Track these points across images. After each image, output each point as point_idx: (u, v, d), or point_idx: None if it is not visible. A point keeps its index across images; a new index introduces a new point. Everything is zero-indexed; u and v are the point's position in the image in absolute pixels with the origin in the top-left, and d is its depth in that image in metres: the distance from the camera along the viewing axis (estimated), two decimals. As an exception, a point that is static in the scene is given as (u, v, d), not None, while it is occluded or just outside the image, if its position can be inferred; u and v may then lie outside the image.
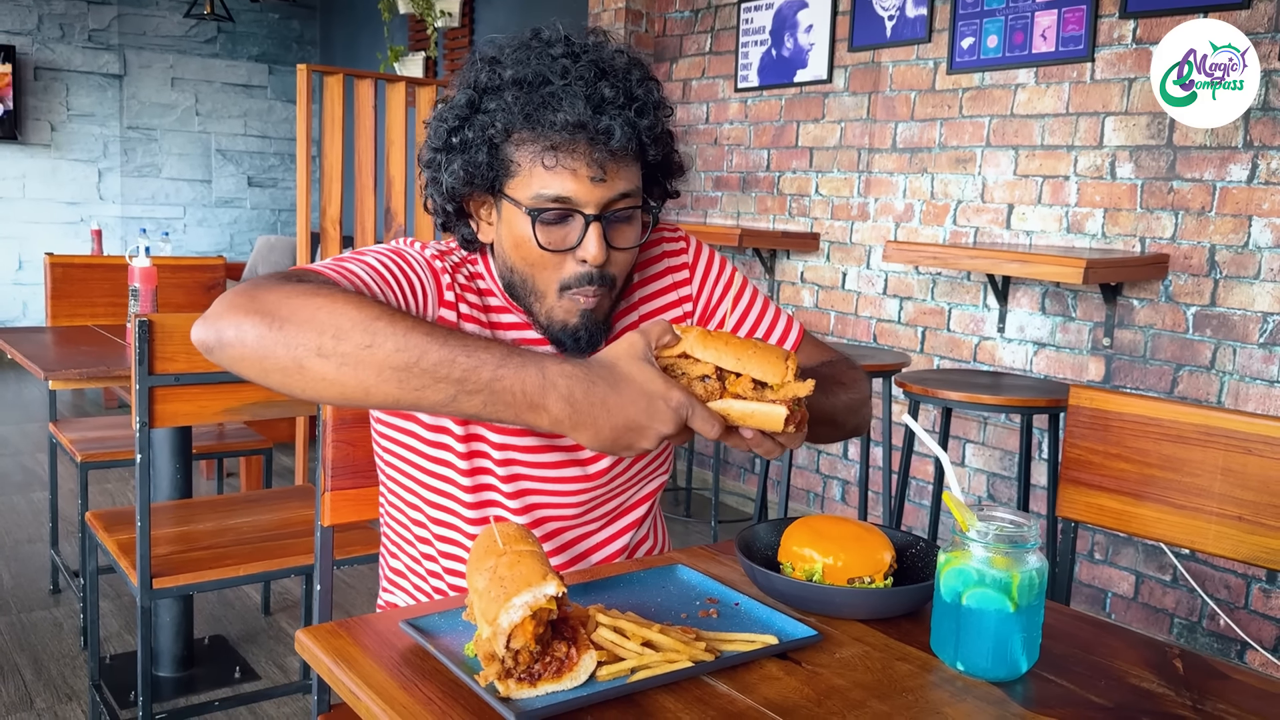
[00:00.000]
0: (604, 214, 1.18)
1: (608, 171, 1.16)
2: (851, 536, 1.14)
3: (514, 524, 1.00)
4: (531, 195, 1.17)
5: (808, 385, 1.04)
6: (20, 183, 7.13)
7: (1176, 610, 3.08)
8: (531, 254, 1.20)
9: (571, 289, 1.20)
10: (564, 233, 1.19)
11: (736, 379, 1.05)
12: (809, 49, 4.14)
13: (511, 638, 0.88)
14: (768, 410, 1.03)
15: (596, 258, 1.17)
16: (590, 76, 1.15)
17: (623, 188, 1.18)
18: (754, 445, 1.07)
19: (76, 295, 3.24)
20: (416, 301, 1.20)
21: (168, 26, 7.57)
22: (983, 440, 3.58)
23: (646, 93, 1.19)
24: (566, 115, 1.13)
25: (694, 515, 4.33)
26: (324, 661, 0.98)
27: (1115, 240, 3.19)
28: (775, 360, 1.04)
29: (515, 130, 1.16)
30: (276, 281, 1.02)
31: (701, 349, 1.05)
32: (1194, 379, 3.02)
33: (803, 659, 1.00)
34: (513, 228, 1.21)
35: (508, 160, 1.18)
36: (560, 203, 1.16)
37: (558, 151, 1.15)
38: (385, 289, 1.15)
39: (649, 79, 1.21)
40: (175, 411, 2.04)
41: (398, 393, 0.98)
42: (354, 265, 1.15)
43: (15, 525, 3.89)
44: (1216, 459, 1.56)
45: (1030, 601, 0.97)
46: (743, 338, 1.08)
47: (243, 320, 0.99)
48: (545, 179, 1.16)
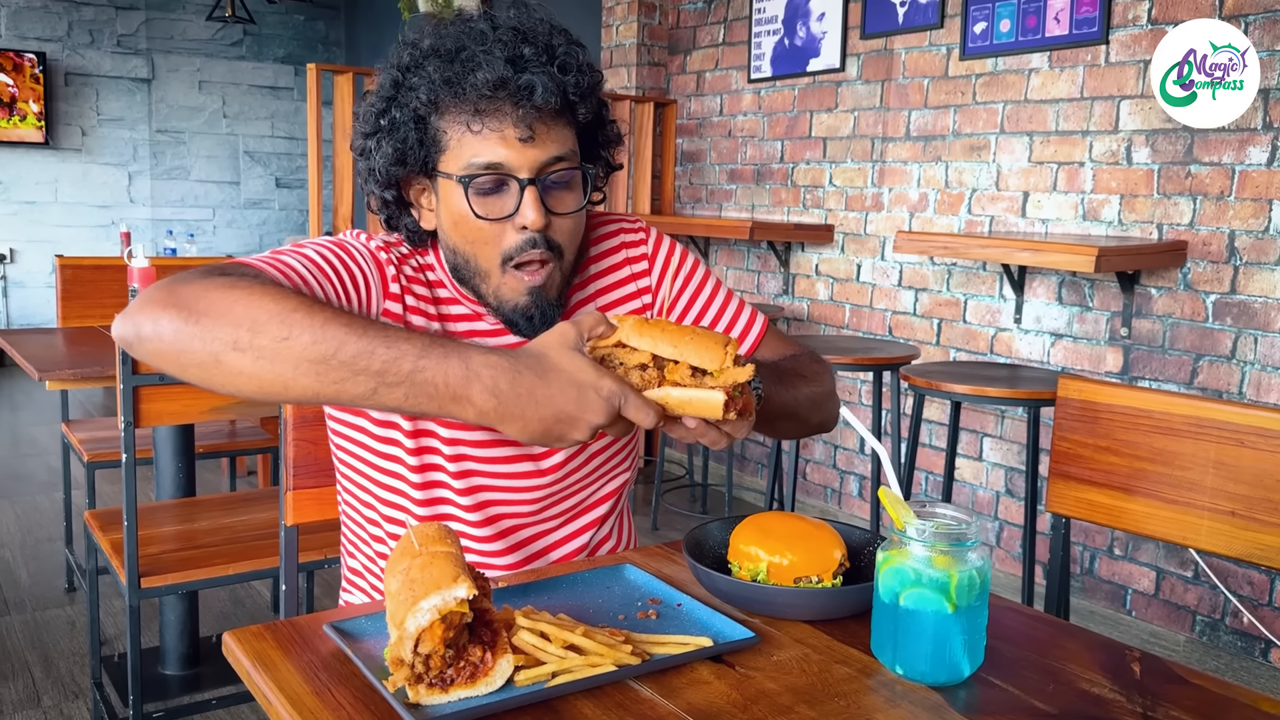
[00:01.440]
0: (539, 178, 1.15)
1: (536, 131, 1.14)
2: (799, 534, 1.10)
3: (435, 525, 0.97)
4: (463, 165, 1.15)
5: (747, 370, 1.00)
6: (52, 187, 7.24)
7: (1199, 607, 2.99)
8: (470, 229, 1.17)
9: (514, 259, 1.17)
10: (500, 202, 1.16)
11: (675, 367, 1.01)
12: (821, 37, 4.08)
13: (420, 642, 0.85)
14: (705, 396, 0.99)
15: (535, 222, 1.15)
16: (510, 39, 1.14)
17: (555, 150, 1.16)
18: (699, 435, 1.04)
19: (86, 297, 3.27)
20: (359, 295, 1.17)
21: (194, 30, 7.64)
22: (1000, 434, 3.50)
23: (569, 54, 1.17)
24: (486, 74, 1.11)
25: (709, 511, 4.29)
26: (244, 664, 0.96)
27: (1132, 227, 3.11)
28: (714, 346, 1.01)
29: (439, 100, 1.14)
30: (198, 275, 1.00)
31: (637, 337, 1.02)
32: (1214, 369, 2.93)
33: (737, 662, 0.96)
34: (450, 205, 1.18)
35: (436, 133, 1.16)
36: (492, 169, 1.14)
37: (482, 115, 1.13)
38: (323, 282, 1.13)
39: (573, 43, 1.19)
40: (161, 411, 2.04)
41: (316, 386, 0.95)
42: (290, 258, 1.13)
43: (36, 524, 3.94)
44: (1208, 452, 1.50)
45: (971, 602, 0.93)
46: (682, 325, 1.04)
47: (159, 314, 0.97)
48: (474, 145, 1.14)
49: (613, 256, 1.36)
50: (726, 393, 0.99)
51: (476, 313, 1.26)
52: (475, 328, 1.26)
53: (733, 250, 4.61)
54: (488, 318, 1.26)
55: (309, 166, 4.04)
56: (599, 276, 1.34)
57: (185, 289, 0.98)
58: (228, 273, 1.02)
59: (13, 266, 7.17)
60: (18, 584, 3.34)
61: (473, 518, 1.28)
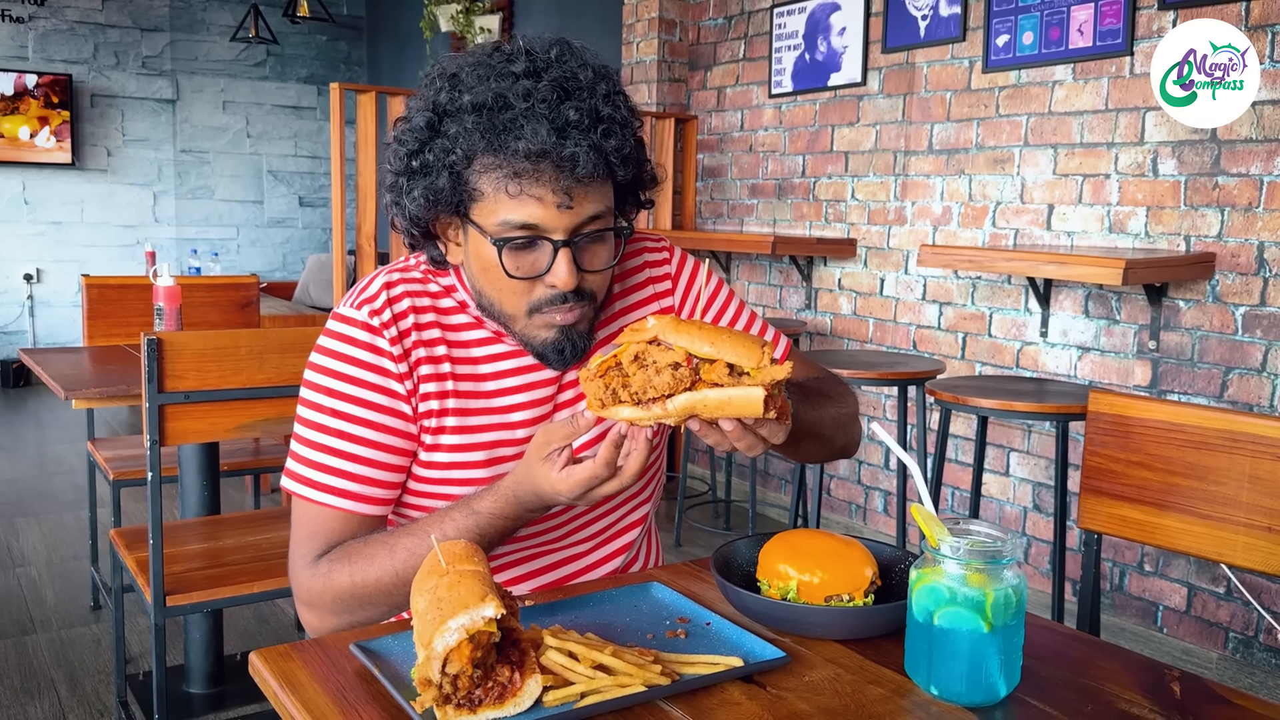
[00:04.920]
0: (573, 238, 1.13)
1: (574, 197, 1.11)
2: (830, 552, 1.08)
3: (462, 543, 0.97)
4: (497, 223, 1.12)
5: (785, 368, 0.98)
6: (79, 207, 7.31)
7: (1231, 624, 2.94)
8: (499, 281, 1.16)
9: (542, 310, 1.17)
10: (532, 258, 1.14)
11: (711, 367, 0.99)
12: (842, 52, 4.07)
13: (448, 662, 0.85)
14: (745, 394, 0.97)
15: (567, 283, 1.13)
16: (553, 99, 1.09)
17: (591, 211, 1.13)
18: (735, 439, 1.02)
19: (112, 315, 3.29)
20: (389, 412, 1.21)
21: (218, 51, 7.72)
22: (1027, 449, 3.47)
23: (613, 109, 1.13)
24: (529, 144, 1.07)
25: (733, 528, 4.26)
26: (270, 684, 0.95)
27: (1159, 239, 3.08)
28: (750, 345, 0.99)
29: (476, 156, 1.11)
30: (330, 603, 1.19)
31: (673, 334, 1.00)
32: (1244, 382, 2.89)
33: (769, 682, 0.95)
34: (480, 254, 1.17)
35: (471, 186, 1.13)
36: (527, 229, 1.12)
37: (521, 179, 1.10)
38: (374, 474, 1.21)
39: (616, 92, 1.15)
40: (186, 429, 2.04)
41: None
42: (337, 493, 1.21)
43: (62, 542, 3.96)
44: (1243, 466, 1.47)
45: (1007, 621, 0.91)
46: (717, 326, 1.03)
47: (334, 622, 1.21)
48: (510, 206, 1.11)
49: (636, 276, 1.35)
50: (766, 389, 0.97)
51: (498, 333, 1.26)
52: (494, 351, 1.25)
53: (754, 265, 4.60)
54: (508, 339, 1.25)
55: (332, 185, 4.06)
56: (622, 296, 1.33)
57: (330, 617, 1.20)
58: (333, 578, 1.19)
59: (39, 286, 7.25)
60: (44, 602, 3.36)
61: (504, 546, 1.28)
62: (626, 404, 1.00)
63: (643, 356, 1.00)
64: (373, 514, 1.23)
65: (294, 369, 2.11)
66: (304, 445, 1.21)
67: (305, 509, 1.21)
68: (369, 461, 1.20)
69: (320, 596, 1.19)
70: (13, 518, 4.27)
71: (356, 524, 1.21)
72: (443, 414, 1.22)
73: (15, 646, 3.02)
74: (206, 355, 2.04)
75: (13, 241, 7.14)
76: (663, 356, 0.99)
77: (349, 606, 1.18)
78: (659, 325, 1.00)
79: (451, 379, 1.22)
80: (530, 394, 1.26)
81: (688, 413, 0.99)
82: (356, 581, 1.16)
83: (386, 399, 1.20)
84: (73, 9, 7.16)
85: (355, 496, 1.20)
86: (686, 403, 0.98)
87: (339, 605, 1.18)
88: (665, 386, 0.98)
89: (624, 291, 1.33)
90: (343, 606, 1.18)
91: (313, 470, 1.20)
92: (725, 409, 0.98)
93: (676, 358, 0.99)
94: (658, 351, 1.00)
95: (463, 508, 1.15)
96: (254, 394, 2.09)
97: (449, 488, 1.24)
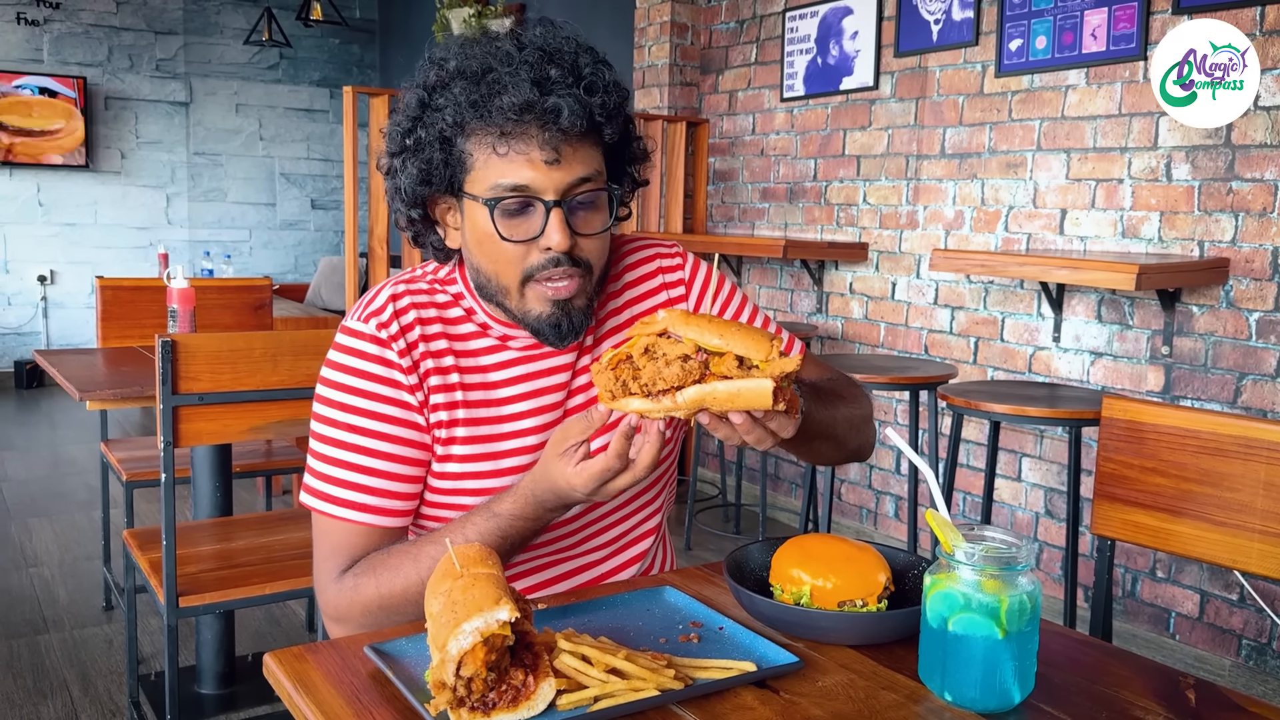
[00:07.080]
0: (565, 199, 1.15)
1: (562, 154, 1.13)
2: (843, 557, 1.08)
3: (476, 546, 0.97)
4: (488, 186, 1.15)
5: (794, 360, 0.99)
6: (92, 209, 7.35)
7: (1244, 631, 2.93)
8: (495, 249, 1.17)
9: (535, 276, 1.17)
10: (526, 223, 1.16)
11: (720, 360, 1.00)
12: (854, 56, 4.07)
13: (462, 665, 0.85)
14: (753, 385, 0.97)
15: (560, 244, 1.14)
16: (536, 60, 1.13)
17: (581, 171, 1.15)
18: (745, 432, 1.03)
19: (126, 317, 3.30)
20: (403, 424, 1.22)
21: (232, 54, 7.75)
22: (1039, 454, 3.46)
23: (595, 73, 1.16)
24: (512, 98, 1.10)
25: (744, 531, 4.26)
26: (285, 685, 0.95)
27: (1173, 244, 3.07)
28: (759, 337, 0.99)
29: (465, 122, 1.14)
30: (356, 614, 1.20)
31: (683, 326, 1.00)
32: (1258, 388, 2.88)
33: (782, 687, 0.95)
34: (475, 225, 1.18)
35: (462, 154, 1.16)
36: (517, 191, 1.14)
37: (509, 138, 1.13)
38: (392, 486, 1.22)
39: (600, 62, 1.18)
40: (200, 430, 2.05)
41: None
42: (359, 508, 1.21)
43: (74, 542, 3.98)
44: (1258, 472, 1.47)
45: (1022, 627, 0.91)
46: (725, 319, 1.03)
47: (364, 623, 1.21)
48: (500, 167, 1.14)
49: (649, 282, 1.35)
50: (775, 380, 0.98)
51: (504, 337, 1.26)
52: (502, 359, 1.26)
53: (766, 269, 4.60)
54: (512, 345, 1.26)
55: (345, 188, 4.07)
56: (635, 302, 1.33)
57: (364, 616, 1.20)
58: (361, 588, 1.20)
59: (53, 287, 7.28)
60: (56, 602, 3.37)
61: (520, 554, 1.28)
62: (637, 396, 1.00)
63: (653, 349, 1.01)
64: (394, 526, 1.23)
65: (307, 371, 2.12)
66: (320, 461, 1.21)
67: (326, 525, 1.22)
68: (386, 474, 1.21)
69: (349, 610, 1.20)
70: (26, 518, 4.29)
71: (378, 536, 1.22)
72: (453, 424, 1.23)
73: (28, 646, 3.04)
74: (220, 357, 2.05)
75: (27, 243, 7.18)
76: (672, 349, 1.00)
77: (378, 618, 1.18)
78: (669, 318, 1.01)
79: (460, 389, 1.23)
80: (538, 400, 1.26)
81: (697, 405, 1.00)
82: (383, 593, 1.17)
83: (400, 410, 1.21)
84: (87, 12, 7.20)
85: (375, 510, 1.21)
86: (696, 395, 0.99)
87: (368, 617, 1.19)
88: (674, 378, 0.99)
89: (637, 297, 1.34)
90: (371, 618, 1.18)
91: (331, 485, 1.20)
92: (734, 401, 0.99)
93: (686, 350, 1.00)
94: (667, 344, 1.01)
95: (483, 511, 1.16)
96: (267, 396, 2.10)
97: (462, 497, 1.25)
